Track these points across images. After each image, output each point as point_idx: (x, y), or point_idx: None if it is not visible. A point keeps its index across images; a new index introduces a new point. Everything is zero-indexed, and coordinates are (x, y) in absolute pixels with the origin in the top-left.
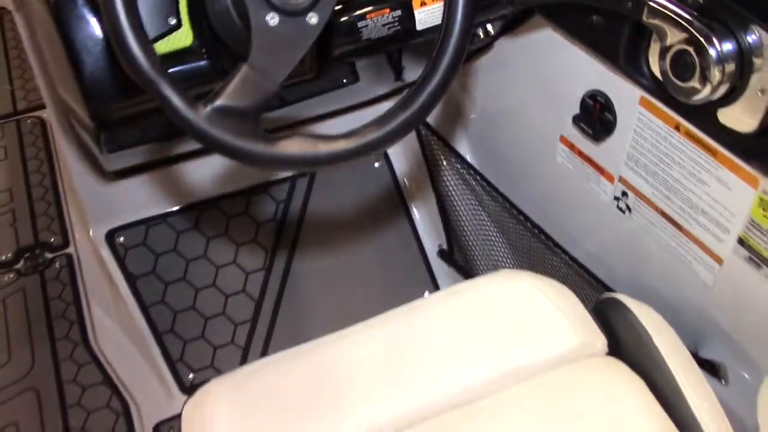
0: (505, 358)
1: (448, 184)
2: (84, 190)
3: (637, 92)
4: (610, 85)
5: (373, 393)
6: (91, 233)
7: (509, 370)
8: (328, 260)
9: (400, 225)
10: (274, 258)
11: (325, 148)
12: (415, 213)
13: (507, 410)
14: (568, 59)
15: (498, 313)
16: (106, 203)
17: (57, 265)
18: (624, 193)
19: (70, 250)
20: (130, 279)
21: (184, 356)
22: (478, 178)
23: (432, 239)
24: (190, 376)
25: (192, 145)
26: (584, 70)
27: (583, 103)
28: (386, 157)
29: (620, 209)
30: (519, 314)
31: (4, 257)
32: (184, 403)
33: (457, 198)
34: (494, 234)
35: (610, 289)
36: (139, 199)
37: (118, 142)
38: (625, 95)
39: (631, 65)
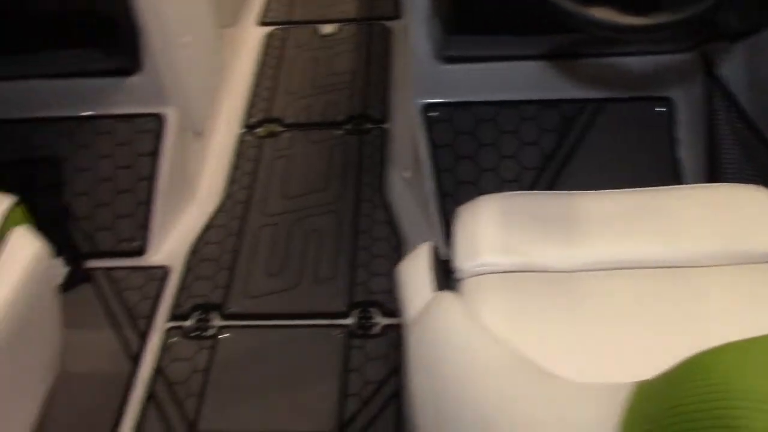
0: (732, 243)
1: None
2: (418, 66)
3: None
4: None
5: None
6: (412, 102)
7: (733, 251)
8: None
9: None
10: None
11: None
12: None
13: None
14: None
15: (729, 206)
16: (431, 80)
17: (374, 134)
18: None
19: (386, 125)
20: (432, 146)
21: None
22: None
23: None
24: None
25: (531, 48)
26: None
27: None
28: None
29: None
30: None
31: (340, 118)
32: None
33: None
34: None
35: None
36: (459, 84)
37: (462, 27)
38: None
39: None
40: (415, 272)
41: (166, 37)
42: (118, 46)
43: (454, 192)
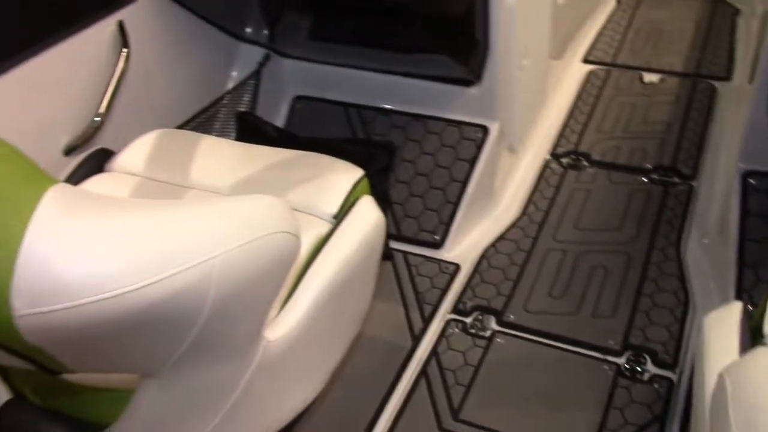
0: None
1: None
2: (750, 132)
3: None
4: None
5: None
6: (732, 167)
7: None
8: None
9: None
10: None
11: None
12: None
13: None
14: None
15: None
16: (761, 148)
17: (679, 188)
18: None
19: (694, 183)
20: (744, 214)
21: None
22: None
23: None
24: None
25: None
26: None
27: None
28: None
29: None
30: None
31: (647, 166)
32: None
33: None
34: None
35: None
36: None
37: None
38: None
39: None
40: (724, 328)
41: (509, 58)
42: (468, 59)
43: (756, 264)
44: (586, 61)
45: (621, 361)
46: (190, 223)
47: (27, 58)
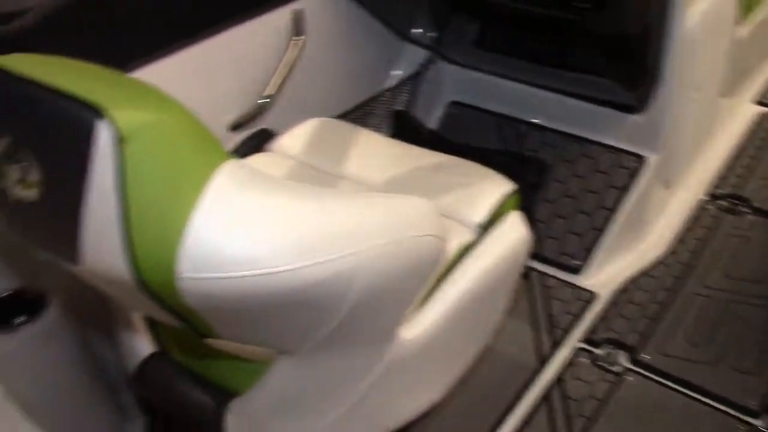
0: None
1: None
2: None
3: None
4: None
5: None
6: None
7: None
8: None
9: None
10: None
11: None
12: None
13: None
14: None
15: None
16: None
17: None
18: None
19: None
20: None
21: None
22: None
23: None
24: None
25: None
26: None
27: None
28: None
29: None
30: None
31: None
32: None
33: None
34: None
35: None
36: None
37: None
38: None
39: None
40: None
41: (681, 88)
42: (635, 85)
43: None
44: (758, 102)
45: (758, 423)
46: (348, 214)
47: (209, 36)
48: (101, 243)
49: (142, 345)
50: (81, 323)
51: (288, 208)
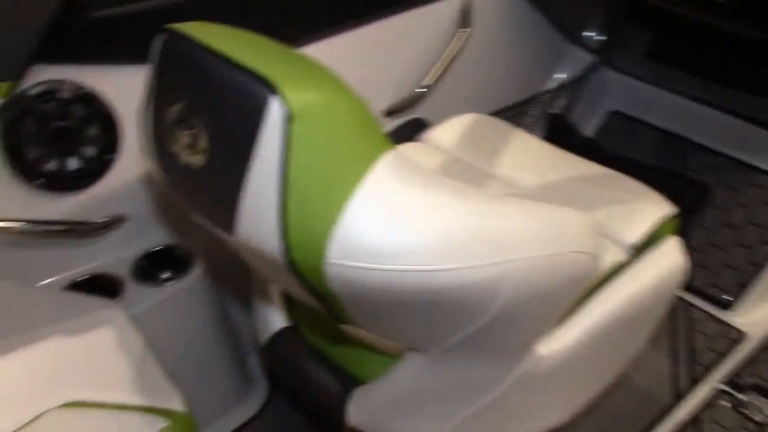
0: None
1: None
2: None
3: None
4: None
5: None
6: None
7: None
8: None
9: None
10: None
11: None
12: None
13: None
14: None
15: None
16: None
17: None
18: None
19: None
20: None
21: None
22: None
23: None
24: None
25: None
26: None
27: None
28: None
29: None
30: None
31: None
32: None
33: None
34: None
35: None
36: None
37: None
38: None
39: None
40: None
41: None
42: None
43: None
44: None
45: None
46: (505, 219)
47: (376, 19)
48: (257, 218)
49: (276, 318)
50: (220, 287)
51: (446, 207)
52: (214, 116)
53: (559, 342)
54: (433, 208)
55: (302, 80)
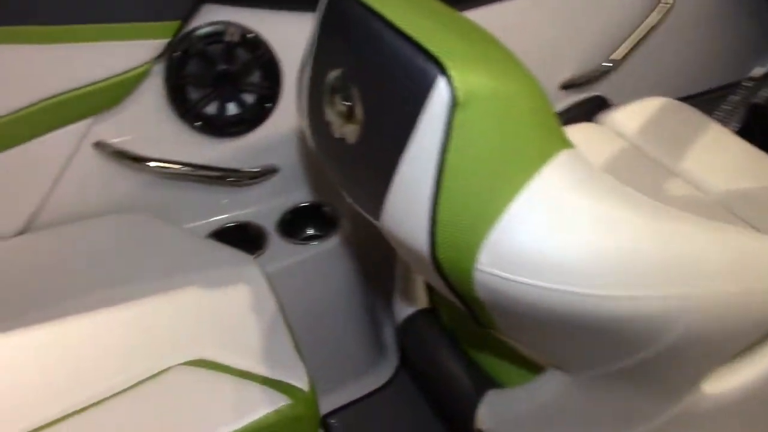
0: None
1: None
2: None
3: None
4: None
5: None
6: None
7: None
8: None
9: None
10: None
11: None
12: None
13: None
14: None
15: None
16: None
17: None
18: None
19: None
20: None
21: None
22: None
23: None
24: None
25: None
26: None
27: None
28: None
29: None
30: None
31: None
32: None
33: None
34: None
35: None
36: None
37: None
38: None
39: None
40: None
41: None
42: None
43: None
44: None
45: None
46: (689, 245)
47: None
48: (405, 208)
49: (416, 297)
50: (362, 252)
51: (623, 223)
52: (372, 90)
53: (728, 382)
54: (608, 223)
55: (472, 58)
